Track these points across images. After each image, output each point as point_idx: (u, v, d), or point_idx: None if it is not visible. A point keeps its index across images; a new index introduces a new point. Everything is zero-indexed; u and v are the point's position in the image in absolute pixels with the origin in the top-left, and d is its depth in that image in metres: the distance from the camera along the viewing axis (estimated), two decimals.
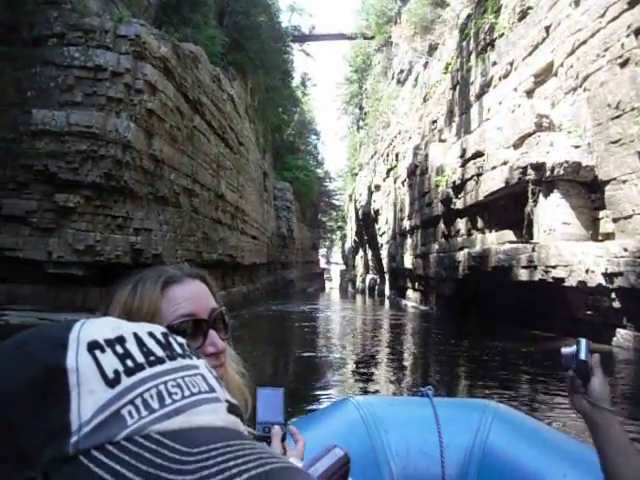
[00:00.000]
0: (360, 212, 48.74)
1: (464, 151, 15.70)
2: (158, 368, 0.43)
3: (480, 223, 15.37)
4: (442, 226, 18.51)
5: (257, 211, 36.51)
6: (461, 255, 15.69)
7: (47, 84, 14.89)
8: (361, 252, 57.05)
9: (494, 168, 13.47)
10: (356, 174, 58.07)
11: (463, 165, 15.80)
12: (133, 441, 0.38)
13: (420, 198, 22.12)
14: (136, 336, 0.46)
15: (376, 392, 8.65)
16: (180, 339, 0.50)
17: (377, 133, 43.65)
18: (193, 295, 1.01)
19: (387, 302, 33.28)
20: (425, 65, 28.48)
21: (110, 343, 0.44)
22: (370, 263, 51.72)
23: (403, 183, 27.17)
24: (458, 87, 20.20)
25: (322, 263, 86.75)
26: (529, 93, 14.27)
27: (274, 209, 48.43)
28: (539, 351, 10.95)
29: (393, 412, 1.93)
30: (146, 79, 15.97)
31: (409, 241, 25.75)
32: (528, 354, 10.95)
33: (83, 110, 14.76)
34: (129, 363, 0.43)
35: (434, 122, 23.13)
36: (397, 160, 30.95)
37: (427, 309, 22.28)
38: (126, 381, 0.41)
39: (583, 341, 1.32)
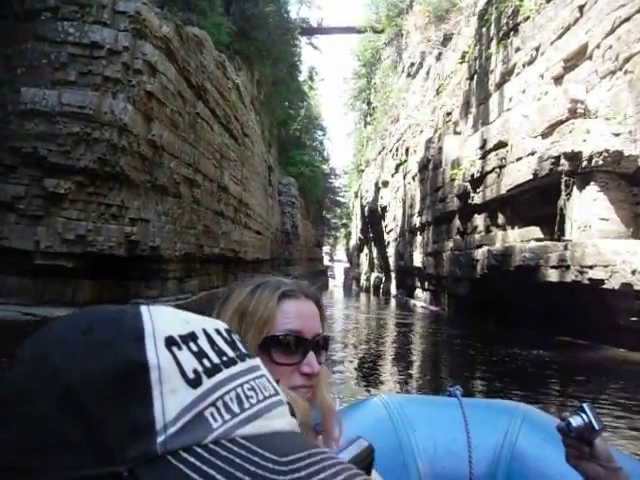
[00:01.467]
0: (366, 209, 47.78)
1: (484, 142, 14.64)
2: (233, 369, 0.45)
3: (501, 219, 14.29)
4: (457, 222, 17.44)
5: (261, 205, 35.49)
6: (480, 253, 14.63)
7: (39, 61, 13.83)
8: (366, 250, 56.15)
9: (519, 159, 12.40)
10: (362, 170, 57.18)
11: (483, 157, 14.74)
12: (221, 445, 0.39)
13: (433, 193, 21.06)
14: (206, 333, 0.47)
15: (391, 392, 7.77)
16: (239, 336, 0.51)
17: (385, 128, 42.62)
18: (304, 314, 1.03)
19: (393, 301, 32.30)
20: (438, 56, 27.41)
21: (184, 340, 0.44)
22: (375, 261, 50.97)
23: (414, 178, 26.13)
24: (476, 76, 19.11)
25: (326, 260, 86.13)
26: (558, 79, 13.19)
27: (278, 204, 47.52)
28: (569, 360, 9.91)
29: (421, 411, 1.90)
30: (146, 59, 14.94)
31: (419, 238, 24.68)
32: (556, 363, 9.91)
33: (77, 90, 13.72)
34: (206, 363, 0.43)
35: (448, 114, 22.04)
36: (407, 155, 29.89)
37: (438, 310, 21.23)
38: (207, 382, 0.42)
39: (588, 407, 1.22)
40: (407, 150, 29.96)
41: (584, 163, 9.93)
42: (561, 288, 10.94)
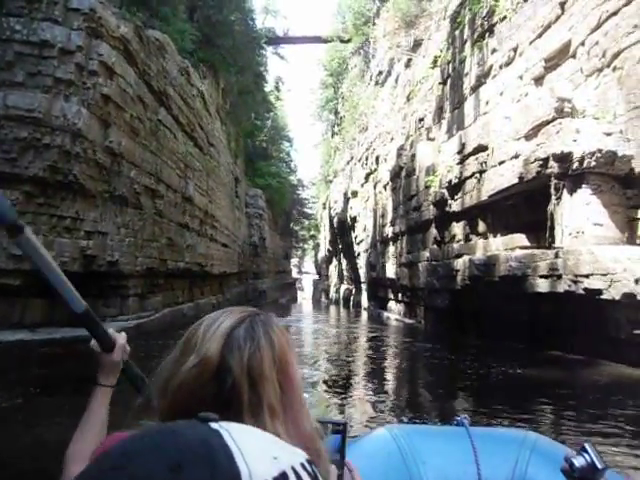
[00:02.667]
0: (335, 220, 47.06)
1: (463, 146, 13.97)
2: None
3: (482, 227, 13.61)
4: (434, 231, 16.73)
5: (228, 217, 34.45)
6: (460, 263, 13.91)
7: None
8: (335, 261, 55.48)
9: (502, 163, 11.73)
10: (330, 181, 56.58)
11: (461, 162, 14.06)
12: None
13: (406, 202, 20.36)
14: (294, 471, 0.50)
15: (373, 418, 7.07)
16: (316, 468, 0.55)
17: (354, 138, 42.06)
18: None
19: (365, 314, 31.50)
20: (408, 63, 26.89)
21: None
22: (345, 273, 50.33)
23: (385, 187, 25.45)
24: (449, 81, 18.54)
25: (294, 273, 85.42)
26: (538, 80, 12.60)
27: (246, 216, 46.54)
28: (565, 378, 9.17)
29: (430, 442, 1.86)
30: (102, 60, 13.90)
31: (392, 249, 23.96)
32: (550, 381, 9.17)
33: (24, 91, 12.58)
34: None
35: (421, 120, 21.44)
36: (377, 163, 29.24)
37: (413, 322, 20.46)
38: None
39: (589, 447, 1.25)
40: (377, 159, 29.32)
41: (575, 165, 9.27)
42: (551, 299, 10.25)
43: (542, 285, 10.15)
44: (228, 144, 38.44)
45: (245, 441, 0.48)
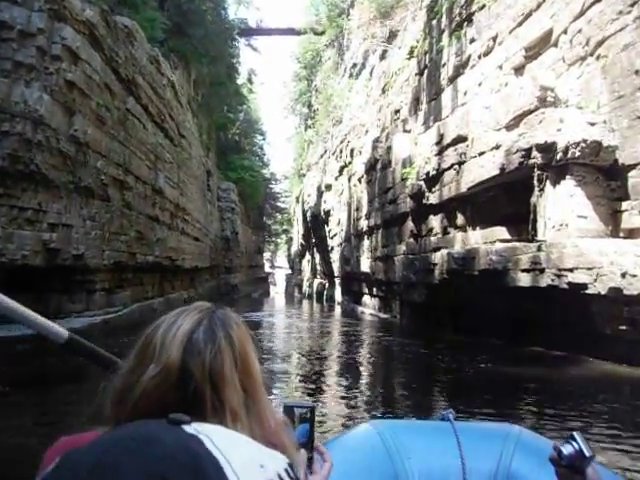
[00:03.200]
0: (308, 214, 46.63)
1: (441, 137, 13.65)
2: None
3: (460, 220, 13.31)
4: (410, 224, 16.42)
5: (200, 211, 33.81)
6: (438, 257, 13.61)
7: None
8: (308, 256, 55.10)
9: (482, 154, 11.44)
10: (304, 175, 56.14)
11: (439, 153, 13.75)
12: None
13: (381, 195, 20.03)
14: (280, 478, 0.52)
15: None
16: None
17: (327, 131, 41.64)
18: None
19: (339, 309, 31.20)
20: (383, 55, 26.55)
21: None
22: (318, 267, 50.03)
23: (360, 180, 25.10)
24: (426, 72, 18.21)
25: (267, 267, 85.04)
26: (519, 69, 12.32)
27: (218, 210, 45.89)
28: (547, 374, 8.91)
29: (415, 437, 1.85)
30: (65, 44, 13.23)
31: (366, 243, 23.64)
32: (532, 377, 8.91)
33: None
34: None
35: (397, 112, 21.11)
36: (352, 156, 28.87)
37: (388, 317, 20.17)
38: None
39: (578, 435, 1.26)
40: (352, 151, 28.95)
41: (559, 155, 8.98)
42: (532, 294, 9.98)
43: (524, 279, 9.88)
44: (200, 136, 37.73)
45: (230, 449, 0.47)
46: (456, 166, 12.76)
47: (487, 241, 11.73)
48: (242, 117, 60.11)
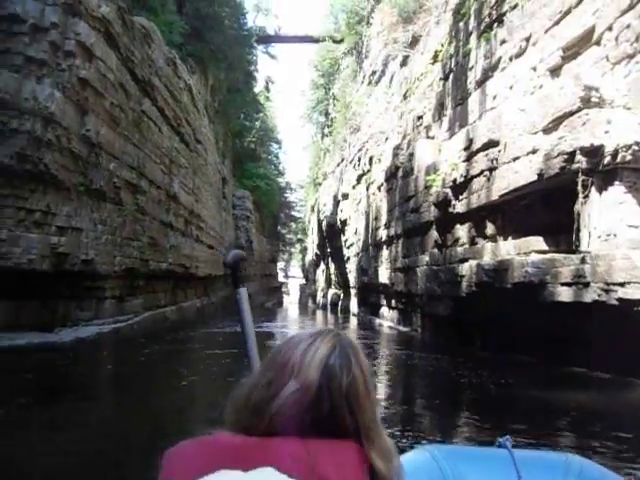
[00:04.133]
0: (324, 223, 45.96)
1: (470, 142, 12.93)
2: None
3: (490, 229, 12.55)
4: (434, 234, 15.67)
5: (214, 218, 33.29)
6: (465, 268, 12.85)
7: None
8: (323, 266, 54.42)
9: (517, 159, 10.70)
10: (319, 184, 55.58)
11: (468, 159, 13.02)
12: None
13: (403, 203, 19.31)
14: None
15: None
16: None
17: (345, 139, 41.03)
18: None
19: (354, 320, 30.43)
20: (404, 61, 25.91)
21: None
22: (333, 277, 49.36)
23: (379, 188, 24.39)
24: (451, 76, 17.52)
25: (280, 277, 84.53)
26: (555, 71, 11.58)
27: (232, 218, 45.42)
28: (591, 397, 8.13)
29: (472, 465, 1.74)
30: (79, 40, 12.74)
31: (385, 253, 22.89)
32: (574, 400, 8.13)
33: None
34: None
35: (419, 118, 20.41)
36: (371, 164, 28.18)
37: (408, 330, 19.38)
38: None
39: None
40: (371, 159, 28.26)
41: (607, 159, 8.25)
42: (573, 309, 9.21)
43: (564, 294, 9.12)
44: (216, 143, 37.31)
45: None
46: (487, 172, 12.02)
47: (521, 252, 10.97)
48: (258, 125, 59.77)
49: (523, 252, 10.85)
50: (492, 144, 11.90)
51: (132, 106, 16.49)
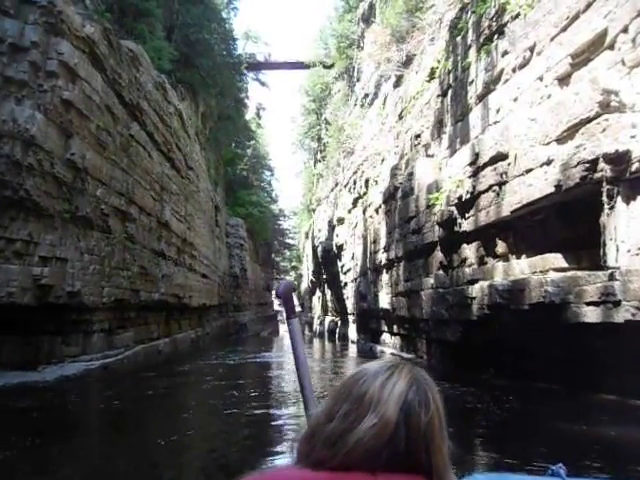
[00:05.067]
0: (319, 249, 45.28)
1: (476, 156, 12.29)
2: None
3: (501, 247, 11.83)
4: (439, 255, 14.95)
5: (208, 246, 32.53)
6: (476, 290, 12.10)
7: None
8: (318, 293, 53.68)
9: (529, 171, 10.03)
10: (313, 210, 55.12)
11: (475, 174, 12.36)
12: None
13: (403, 225, 18.62)
14: None
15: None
16: None
17: (338, 163, 40.61)
18: None
19: (353, 348, 29.52)
20: (397, 82, 25.51)
21: None
22: (329, 304, 48.57)
23: (377, 211, 23.72)
24: (450, 92, 16.99)
25: (276, 305, 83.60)
26: (564, 79, 11.00)
27: (226, 246, 44.70)
28: (631, 428, 7.33)
29: None
30: (62, 59, 12.09)
31: (386, 277, 22.12)
32: (608, 430, 7.34)
33: None
34: None
35: (417, 137, 19.86)
36: (367, 187, 27.59)
37: (413, 357, 18.51)
38: None
39: None
40: (367, 182, 27.67)
41: (635, 165, 7.58)
42: (599, 331, 8.46)
43: (590, 314, 8.37)
44: (208, 170, 36.73)
45: None
46: (495, 187, 11.35)
47: (537, 271, 10.24)
48: (250, 152, 59.53)
49: (539, 271, 10.11)
50: (501, 157, 11.25)
51: (120, 130, 15.84)
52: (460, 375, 12.94)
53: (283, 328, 69.48)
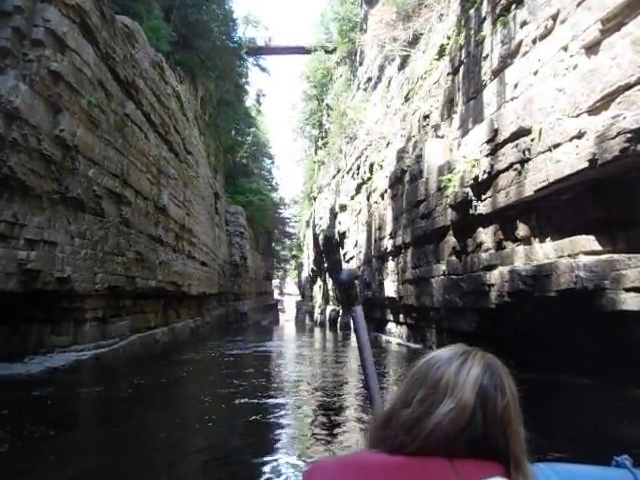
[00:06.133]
0: (320, 237, 44.55)
1: (495, 133, 11.43)
2: None
3: (523, 230, 10.98)
4: (452, 240, 14.13)
5: (207, 234, 31.68)
6: (495, 276, 11.28)
7: None
8: (320, 281, 52.94)
9: (557, 146, 9.19)
10: (314, 198, 54.29)
11: (493, 152, 11.51)
12: None
13: (411, 209, 17.79)
14: None
15: None
16: None
17: (341, 149, 39.72)
18: None
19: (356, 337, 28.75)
20: (402, 64, 24.61)
21: None
22: (331, 293, 47.92)
23: (382, 196, 22.90)
24: (462, 69, 16.10)
25: (276, 294, 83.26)
26: (592, 47, 10.11)
27: (226, 234, 43.91)
28: None
29: None
30: (49, 27, 11.19)
31: (391, 264, 21.33)
32: None
33: None
34: None
35: (426, 118, 18.98)
36: (371, 172, 26.72)
37: (421, 347, 17.74)
38: None
39: None
40: (371, 166, 26.80)
41: None
42: (636, 319, 7.67)
43: (631, 301, 7.56)
44: (207, 157, 35.83)
45: None
46: (517, 165, 10.50)
47: (564, 254, 9.42)
48: (250, 140, 58.60)
49: (568, 254, 9.29)
50: (523, 133, 10.40)
51: (114, 108, 14.96)
52: None
53: (284, 317, 69.02)
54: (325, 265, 46.19)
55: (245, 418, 8.61)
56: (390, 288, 21.26)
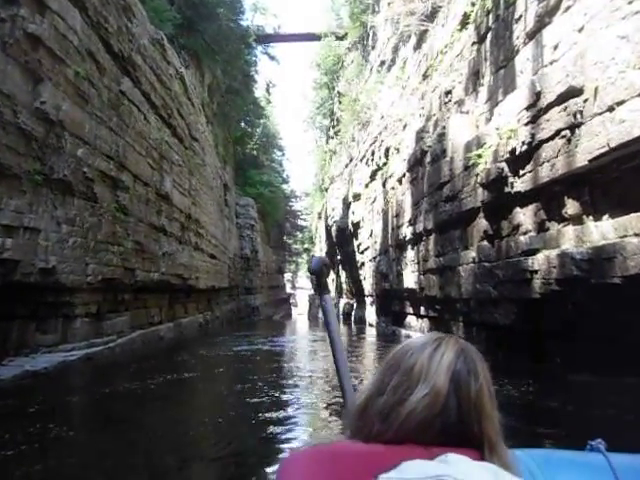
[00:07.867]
0: (333, 229, 43.24)
1: (537, 96, 9.92)
2: None
3: (572, 208, 9.46)
4: (483, 223, 12.64)
5: (216, 226, 30.36)
6: (539, 261, 9.79)
7: None
8: (332, 274, 51.63)
9: (621, 104, 7.69)
10: (326, 189, 53.02)
11: (534, 120, 10.01)
12: None
13: (433, 193, 16.32)
14: None
15: None
16: None
17: (353, 137, 38.33)
18: None
19: (371, 332, 27.45)
20: (418, 43, 23.13)
21: None
22: (344, 286, 46.74)
23: (400, 181, 21.42)
24: (489, 36, 14.59)
25: (288, 288, 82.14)
26: None
27: (236, 227, 42.67)
28: None
29: (565, 469, 1.53)
30: None
31: (411, 253, 19.86)
32: None
33: None
34: None
35: (448, 94, 17.47)
36: (387, 157, 25.24)
37: None
38: None
39: None
40: (387, 151, 25.31)
41: None
42: None
43: None
44: (216, 147, 34.49)
45: None
46: (566, 132, 9.00)
47: (628, 234, 7.94)
48: (260, 131, 57.20)
49: (634, 233, 7.81)
50: (573, 93, 8.89)
51: (107, 84, 13.60)
52: (514, 365, 10.71)
53: (296, 311, 67.85)
54: (338, 257, 44.93)
55: (257, 416, 8.04)
56: (410, 279, 19.82)
